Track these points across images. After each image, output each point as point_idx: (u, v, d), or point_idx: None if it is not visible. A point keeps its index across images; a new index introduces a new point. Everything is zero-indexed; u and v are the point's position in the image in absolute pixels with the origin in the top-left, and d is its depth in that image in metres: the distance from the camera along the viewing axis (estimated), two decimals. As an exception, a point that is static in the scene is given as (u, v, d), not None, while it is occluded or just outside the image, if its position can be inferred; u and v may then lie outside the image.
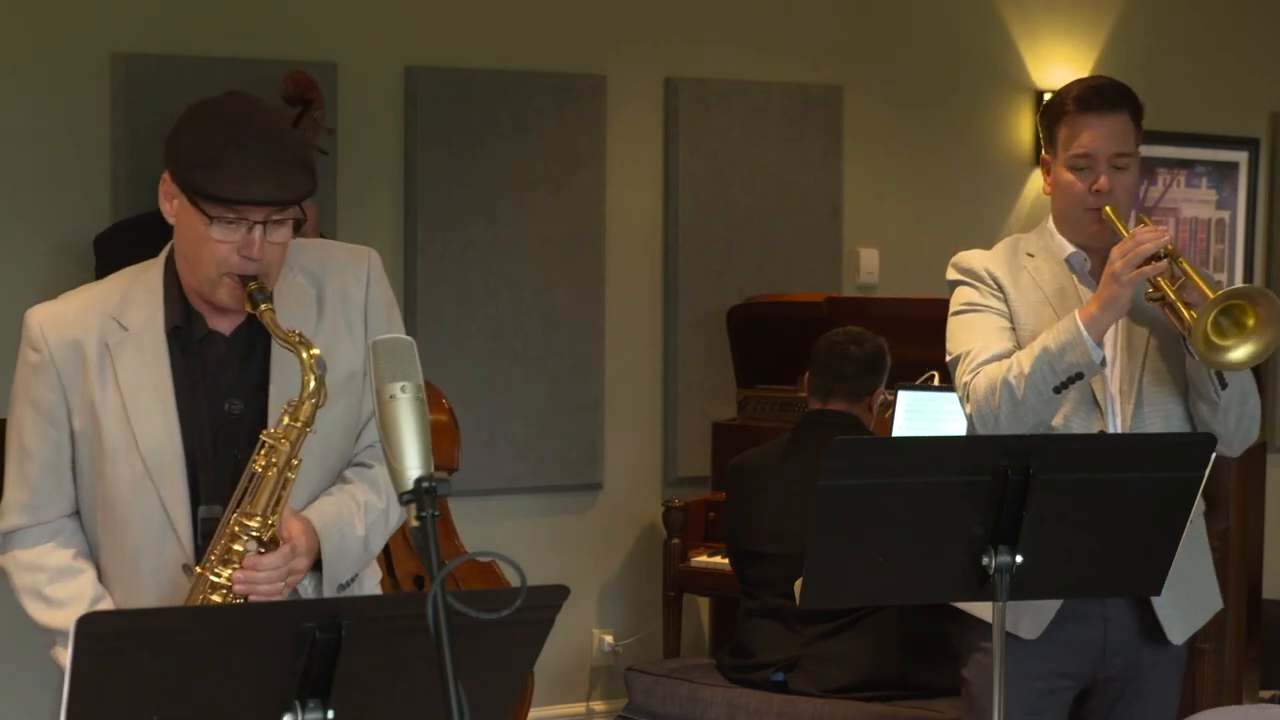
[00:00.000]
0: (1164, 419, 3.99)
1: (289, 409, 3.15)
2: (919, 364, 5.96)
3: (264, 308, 3.14)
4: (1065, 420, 3.95)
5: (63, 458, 3.26)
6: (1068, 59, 7.81)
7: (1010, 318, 4.02)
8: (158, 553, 3.22)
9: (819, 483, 3.47)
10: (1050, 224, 4.08)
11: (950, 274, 4.12)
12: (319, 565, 3.24)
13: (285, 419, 3.15)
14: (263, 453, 3.15)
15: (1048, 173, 4.07)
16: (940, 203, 7.58)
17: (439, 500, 2.49)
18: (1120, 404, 3.98)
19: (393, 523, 3.33)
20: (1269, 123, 8.41)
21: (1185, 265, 3.85)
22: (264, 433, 3.16)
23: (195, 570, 3.17)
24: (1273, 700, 6.68)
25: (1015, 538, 3.51)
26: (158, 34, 6.11)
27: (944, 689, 5.29)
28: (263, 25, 6.28)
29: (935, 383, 5.98)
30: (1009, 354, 3.95)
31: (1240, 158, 8.34)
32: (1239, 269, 8.35)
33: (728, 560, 5.85)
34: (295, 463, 3.15)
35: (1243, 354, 3.83)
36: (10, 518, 3.29)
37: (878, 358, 5.58)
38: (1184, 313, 3.81)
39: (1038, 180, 7.76)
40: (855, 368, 5.53)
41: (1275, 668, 6.75)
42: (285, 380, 3.20)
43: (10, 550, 3.30)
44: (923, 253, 7.38)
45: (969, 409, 3.96)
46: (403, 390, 2.56)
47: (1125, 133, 4.00)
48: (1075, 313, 3.87)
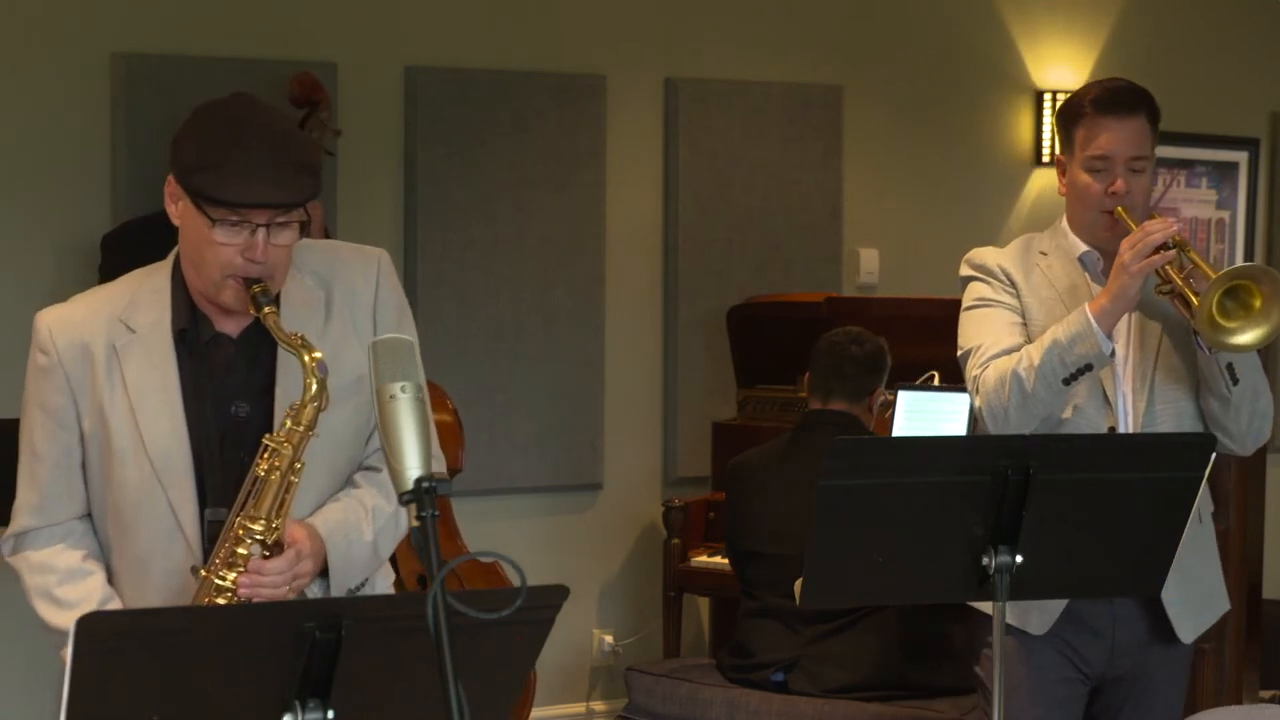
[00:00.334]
0: (1175, 416, 3.99)
1: (291, 412, 3.15)
2: (919, 364, 5.95)
3: (267, 311, 3.13)
4: (1075, 415, 3.95)
5: (72, 460, 3.26)
6: (1068, 59, 7.80)
7: (1022, 313, 4.03)
8: (166, 554, 3.22)
9: (819, 483, 3.47)
10: (1064, 223, 4.08)
11: (963, 269, 4.13)
12: (326, 572, 3.23)
13: (288, 422, 3.14)
14: (265, 456, 3.14)
15: (1063, 173, 4.06)
16: (940, 203, 7.58)
17: (440, 500, 2.49)
18: (1132, 400, 3.98)
19: (403, 526, 3.31)
20: (1269, 123, 8.41)
21: (1194, 255, 3.85)
22: (266, 436, 3.15)
23: (201, 572, 3.17)
24: (1273, 700, 6.68)
25: (1015, 538, 3.51)
26: (158, 34, 6.11)
27: (944, 689, 5.29)
28: (263, 25, 6.28)
29: (935, 383, 5.97)
30: (1020, 348, 3.95)
31: (1240, 158, 8.34)
32: (1239, 267, 8.35)
33: (727, 560, 5.85)
34: (298, 466, 3.15)
35: (1249, 337, 3.80)
36: (21, 519, 3.29)
37: (878, 358, 5.58)
38: (1192, 300, 3.80)
39: (1038, 180, 7.81)
40: (855, 368, 5.53)
41: (1275, 668, 6.74)
42: (291, 383, 3.19)
43: (21, 552, 3.30)
44: (923, 253, 7.38)
45: (978, 401, 3.96)
46: (403, 390, 2.56)
47: (1142, 136, 4.00)
48: (1085, 305, 3.88)
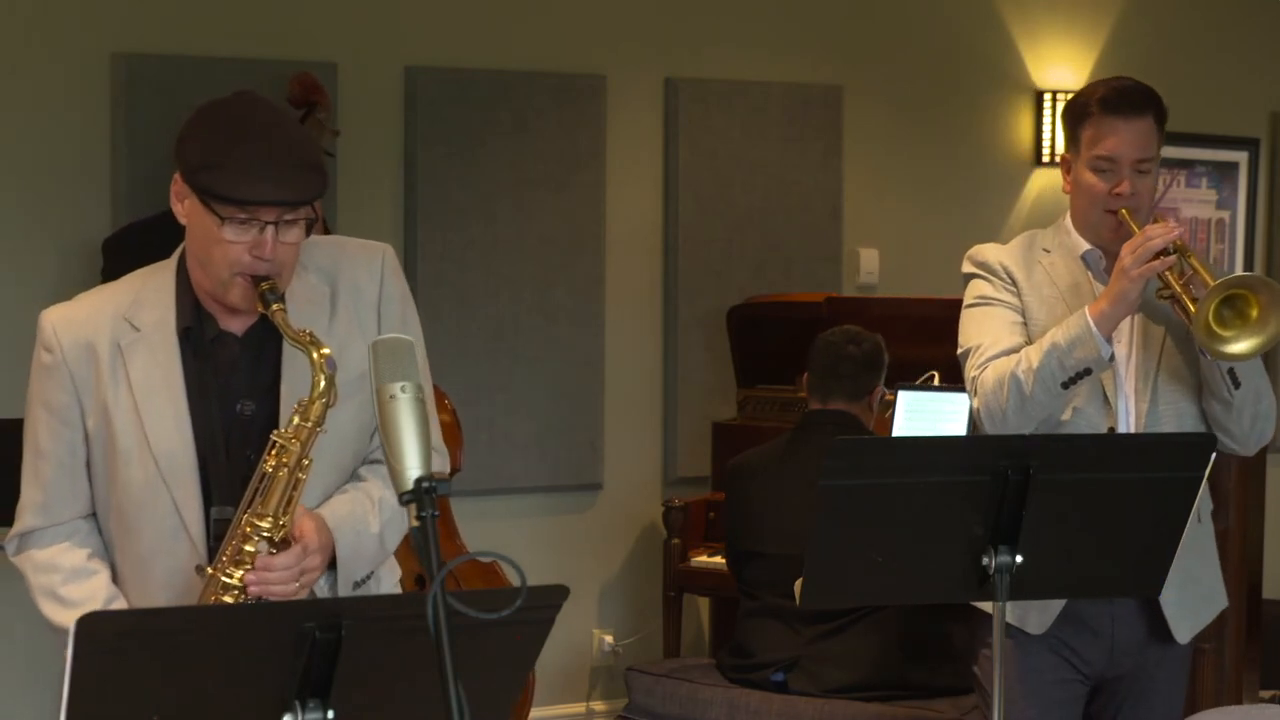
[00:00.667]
0: (1177, 417, 3.98)
1: (299, 408, 3.14)
2: (919, 364, 5.94)
3: (275, 307, 3.13)
4: (1075, 417, 3.95)
5: (77, 459, 3.26)
6: (1068, 59, 7.80)
7: (1023, 312, 4.02)
8: (171, 554, 3.22)
9: (819, 482, 3.47)
10: (1067, 221, 4.07)
11: (965, 266, 4.11)
12: (334, 564, 3.23)
13: (295, 419, 3.14)
14: (273, 453, 3.14)
15: (1068, 171, 4.05)
16: (940, 203, 7.58)
17: (440, 500, 2.49)
18: (1134, 401, 3.98)
19: (409, 519, 3.32)
20: (1269, 123, 8.41)
21: (1194, 261, 3.85)
22: (275, 433, 3.15)
23: (207, 571, 3.17)
24: (1273, 700, 6.68)
25: (1015, 538, 3.51)
26: (158, 34, 6.11)
27: (944, 689, 5.29)
28: (263, 25, 6.28)
29: (935, 383, 5.97)
30: (1019, 349, 3.95)
31: (1240, 158, 8.34)
32: (1239, 269, 8.35)
33: (726, 561, 5.84)
34: (306, 463, 3.14)
35: (1244, 345, 3.81)
36: (25, 519, 3.29)
37: (875, 356, 5.57)
38: (1190, 306, 3.80)
39: (1038, 180, 7.81)
40: (853, 367, 5.53)
41: (1275, 668, 6.74)
42: (297, 380, 3.19)
43: (25, 551, 3.30)
44: (923, 253, 7.39)
45: (976, 403, 3.95)
46: (402, 390, 2.56)
47: (1149, 137, 3.99)
48: (1085, 308, 3.87)
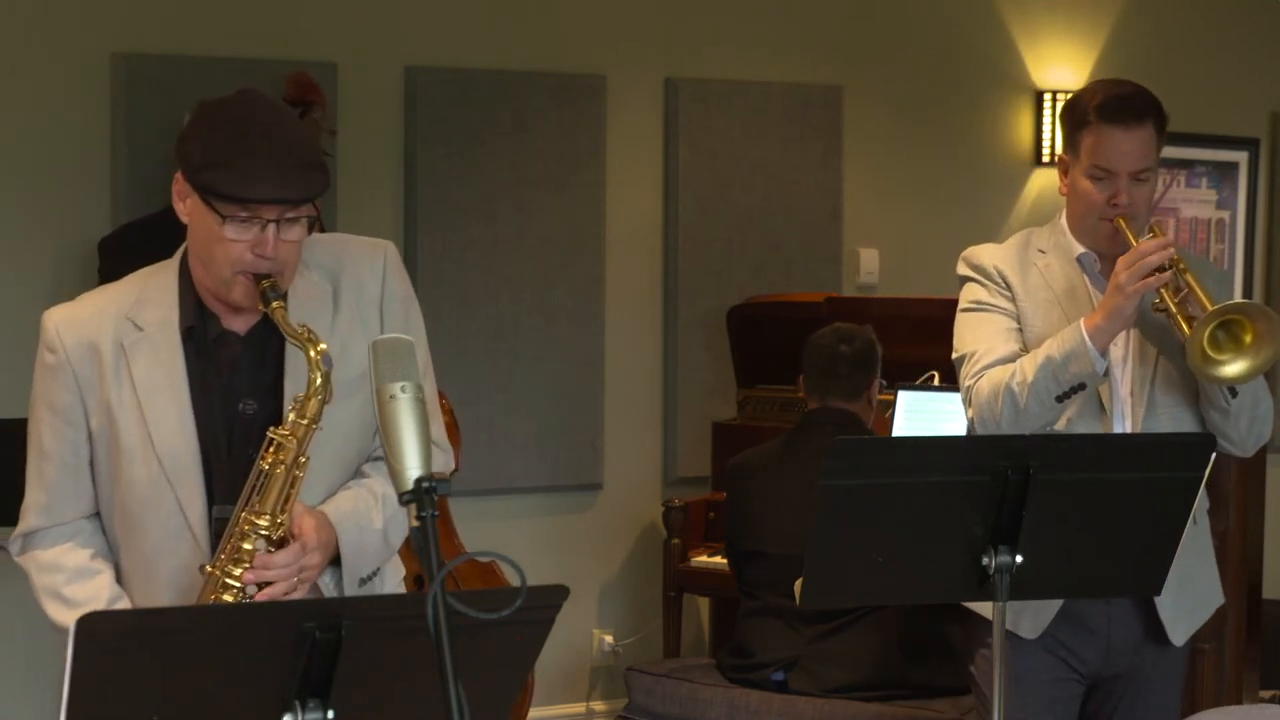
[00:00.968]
0: (1174, 424, 3.97)
1: (296, 405, 3.14)
2: (919, 364, 5.95)
3: (275, 305, 3.13)
4: (1070, 426, 3.93)
5: (80, 459, 3.26)
6: (1068, 59, 7.80)
7: (1018, 318, 4.01)
8: (175, 553, 3.22)
9: (819, 482, 3.46)
10: (1063, 221, 4.05)
11: (961, 268, 4.09)
12: (338, 561, 3.23)
13: (291, 415, 3.14)
14: (271, 450, 3.14)
15: (1065, 173, 4.02)
16: (940, 203, 7.58)
17: (438, 500, 2.49)
18: (1131, 406, 3.97)
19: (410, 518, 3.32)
20: (1269, 123, 8.40)
21: (1189, 278, 3.83)
22: (271, 430, 3.15)
23: (206, 569, 3.16)
24: (1273, 700, 6.68)
25: (1015, 538, 3.51)
26: (158, 34, 6.11)
27: (944, 689, 5.29)
28: (263, 25, 6.28)
29: (935, 383, 5.97)
30: (1014, 357, 3.93)
31: (1240, 158, 8.34)
32: (1239, 269, 8.35)
33: (726, 560, 5.84)
34: (303, 460, 3.14)
35: (1236, 369, 3.81)
36: (29, 519, 3.29)
37: (868, 353, 5.56)
38: (1184, 327, 3.80)
39: (1038, 180, 7.81)
40: (847, 366, 5.52)
41: (1275, 668, 6.74)
42: (299, 379, 3.18)
43: (29, 551, 3.29)
44: (923, 253, 7.38)
45: (971, 413, 3.94)
46: (403, 390, 2.56)
47: (1148, 147, 3.94)
48: (1080, 322, 3.85)
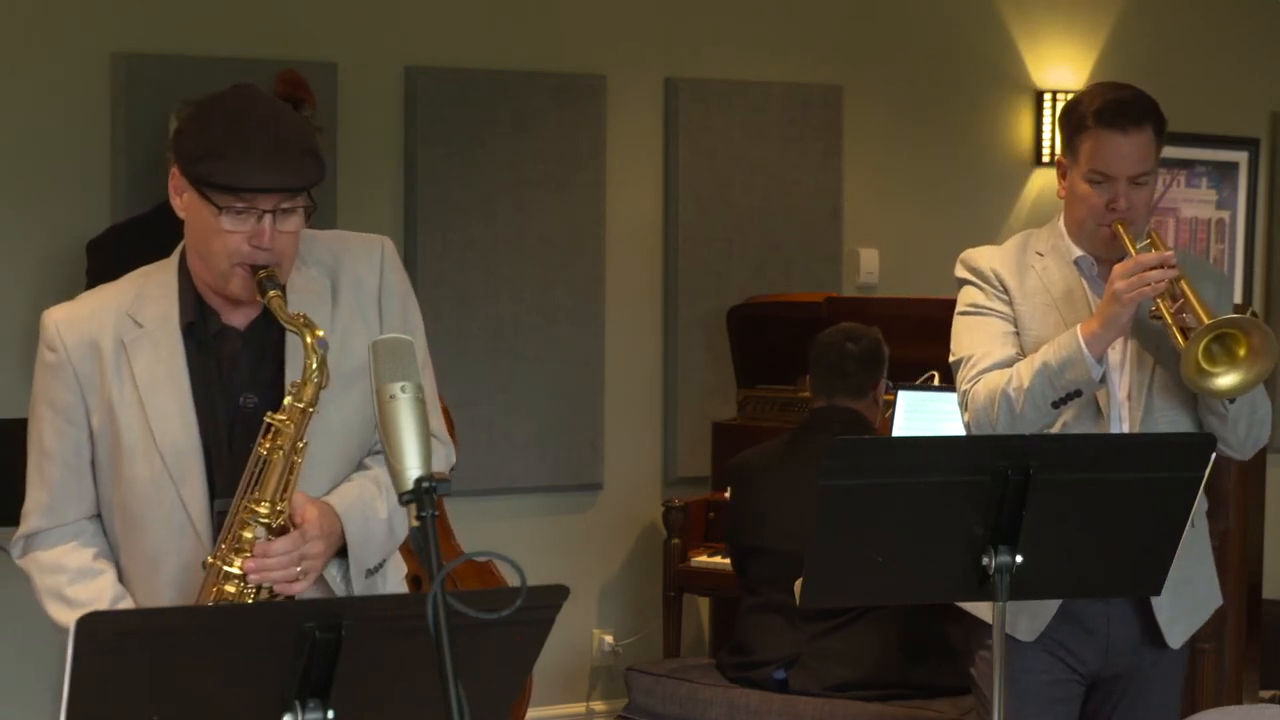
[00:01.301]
0: (1171, 428, 3.96)
1: (292, 390, 3.14)
2: (919, 364, 5.95)
3: (272, 294, 3.12)
4: (1066, 428, 3.93)
5: (82, 458, 3.25)
6: (1068, 59, 7.80)
7: (1015, 321, 4.00)
8: (178, 550, 3.21)
9: (819, 482, 3.46)
10: (1061, 223, 4.04)
11: (958, 270, 4.09)
12: (344, 552, 3.22)
13: (288, 400, 3.13)
14: (269, 436, 3.13)
15: (1063, 175, 4.00)
16: (940, 203, 7.58)
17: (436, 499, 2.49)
18: (1129, 410, 3.96)
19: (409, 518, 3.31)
20: (1269, 123, 8.40)
21: (1185, 286, 3.83)
22: (268, 415, 3.14)
23: (208, 560, 3.15)
24: (1273, 700, 6.68)
25: (1015, 538, 3.50)
26: (158, 34, 6.11)
27: (944, 689, 5.29)
28: (262, 25, 6.28)
29: (935, 383, 5.97)
30: (1010, 361, 3.93)
31: (1240, 158, 8.34)
32: (1239, 269, 8.35)
33: (728, 559, 5.84)
34: (301, 445, 3.13)
35: (1230, 382, 3.81)
36: (30, 521, 3.28)
37: (875, 352, 5.56)
38: (1179, 338, 3.80)
39: (1038, 180, 7.81)
40: (854, 365, 5.52)
41: (1275, 668, 6.74)
42: (298, 372, 3.17)
43: (31, 552, 3.28)
44: (923, 253, 7.38)
45: (967, 417, 3.95)
46: (402, 390, 2.56)
47: (1147, 151, 3.93)
48: (1077, 328, 3.85)
